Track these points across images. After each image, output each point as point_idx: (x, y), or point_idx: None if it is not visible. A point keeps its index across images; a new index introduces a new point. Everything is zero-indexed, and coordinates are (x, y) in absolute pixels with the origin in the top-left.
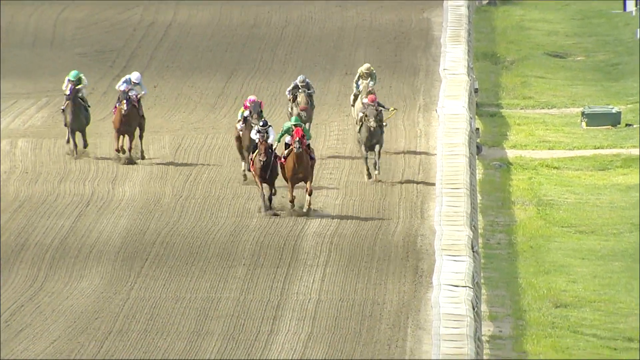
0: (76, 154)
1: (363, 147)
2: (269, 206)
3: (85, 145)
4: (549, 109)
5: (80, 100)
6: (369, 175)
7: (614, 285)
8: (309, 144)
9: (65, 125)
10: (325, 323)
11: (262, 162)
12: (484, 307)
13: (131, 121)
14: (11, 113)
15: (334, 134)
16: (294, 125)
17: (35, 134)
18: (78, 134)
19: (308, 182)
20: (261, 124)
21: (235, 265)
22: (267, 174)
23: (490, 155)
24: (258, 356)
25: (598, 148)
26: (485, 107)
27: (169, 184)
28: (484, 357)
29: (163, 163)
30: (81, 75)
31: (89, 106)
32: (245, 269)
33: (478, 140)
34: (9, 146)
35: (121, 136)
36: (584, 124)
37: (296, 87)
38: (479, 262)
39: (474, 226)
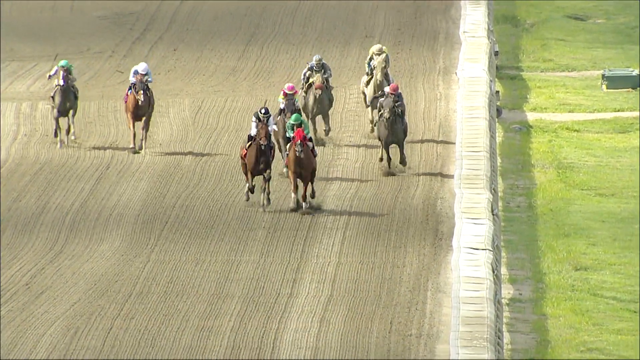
0: (60, 140)
1: (382, 145)
2: (251, 194)
3: (69, 129)
4: (569, 71)
5: (71, 87)
6: (383, 160)
7: (634, 248)
8: (310, 137)
9: (55, 108)
10: (345, 286)
11: (262, 146)
12: (503, 270)
13: (145, 110)
14: (32, 76)
15: (354, 97)
16: (294, 124)
17: None
18: (62, 124)
19: (305, 185)
20: (263, 111)
21: (255, 228)
22: (259, 165)
23: (511, 118)
24: (277, 319)
25: (618, 111)
26: (505, 70)
27: (188, 147)
28: (504, 320)
29: (183, 126)
30: (71, 66)
31: (77, 95)
32: (265, 231)
33: (498, 103)
34: (29, 109)
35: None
36: (604, 86)
37: (311, 68)
38: (498, 225)
39: (493, 189)
